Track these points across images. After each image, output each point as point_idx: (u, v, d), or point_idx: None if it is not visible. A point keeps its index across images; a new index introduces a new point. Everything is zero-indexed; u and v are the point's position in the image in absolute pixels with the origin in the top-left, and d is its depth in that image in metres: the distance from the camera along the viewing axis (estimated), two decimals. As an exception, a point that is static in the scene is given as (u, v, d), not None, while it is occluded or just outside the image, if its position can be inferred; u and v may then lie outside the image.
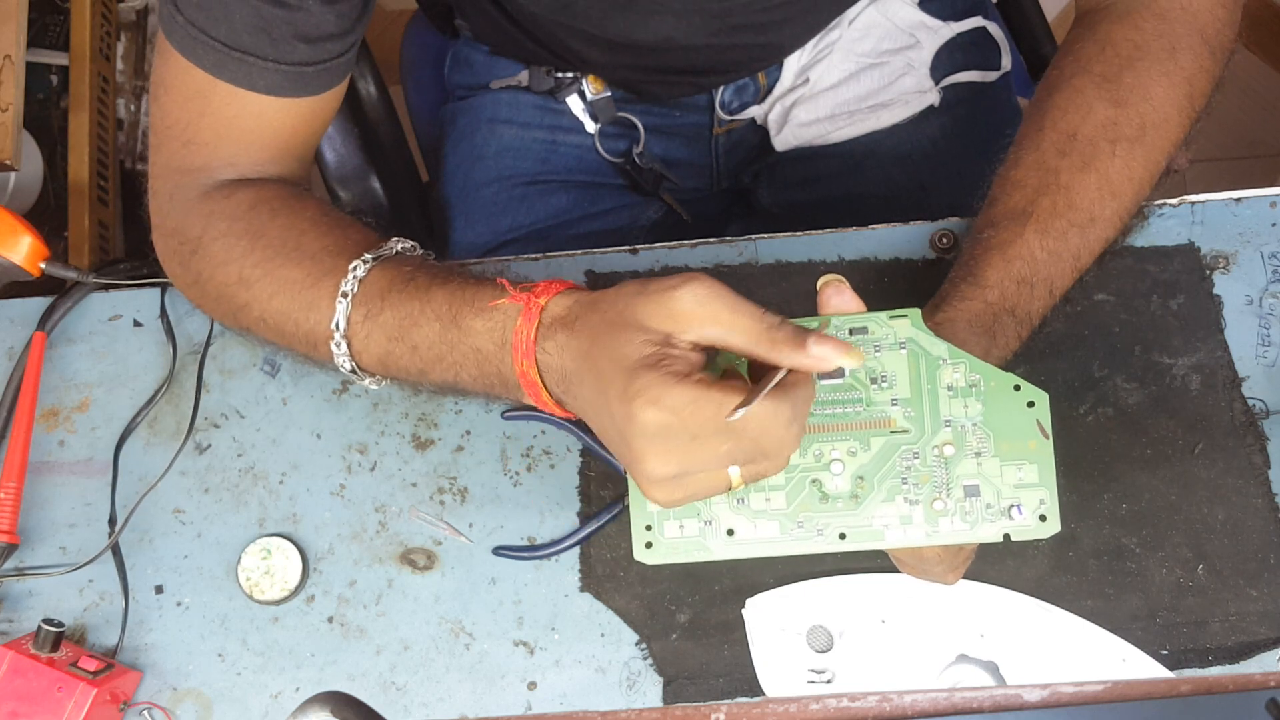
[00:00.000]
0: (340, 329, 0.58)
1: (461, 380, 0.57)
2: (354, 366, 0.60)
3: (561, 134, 0.94)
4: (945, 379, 0.52)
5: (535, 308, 0.53)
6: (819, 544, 0.51)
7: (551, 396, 0.54)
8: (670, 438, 0.47)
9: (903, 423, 0.51)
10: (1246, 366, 0.70)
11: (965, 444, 0.51)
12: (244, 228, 0.63)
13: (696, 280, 0.48)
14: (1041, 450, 0.51)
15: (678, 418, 0.46)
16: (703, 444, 0.47)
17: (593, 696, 0.67)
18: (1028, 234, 0.60)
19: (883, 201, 0.89)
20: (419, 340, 0.57)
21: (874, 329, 0.52)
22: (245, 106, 0.63)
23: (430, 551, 0.71)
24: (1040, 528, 0.51)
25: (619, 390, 0.47)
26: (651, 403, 0.46)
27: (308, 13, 0.61)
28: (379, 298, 0.58)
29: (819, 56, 0.89)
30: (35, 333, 0.75)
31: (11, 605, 0.72)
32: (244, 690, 0.69)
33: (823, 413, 0.52)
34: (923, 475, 0.51)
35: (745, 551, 0.52)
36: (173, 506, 0.73)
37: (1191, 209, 0.73)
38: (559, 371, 0.52)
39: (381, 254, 0.60)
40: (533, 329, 0.53)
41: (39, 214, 1.11)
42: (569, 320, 0.52)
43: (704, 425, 0.46)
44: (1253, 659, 0.65)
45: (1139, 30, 0.64)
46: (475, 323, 0.55)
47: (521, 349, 0.53)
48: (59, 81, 1.15)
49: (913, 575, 0.62)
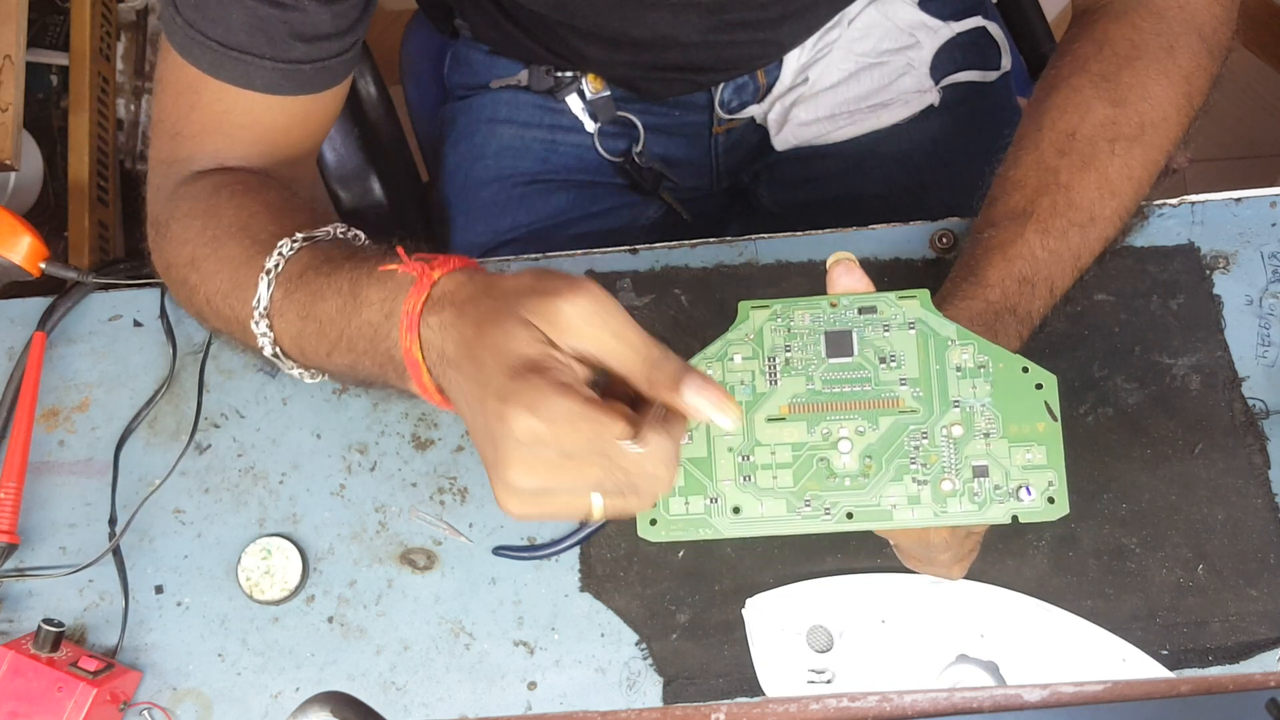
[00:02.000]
0: (260, 306, 0.56)
1: (361, 365, 0.54)
2: (276, 350, 0.58)
3: (561, 133, 0.94)
4: (954, 360, 0.52)
5: (427, 279, 0.49)
6: (826, 523, 0.51)
7: (433, 381, 0.50)
8: (540, 449, 0.44)
9: (911, 402, 0.51)
10: (1246, 366, 0.70)
11: (974, 425, 0.51)
12: (202, 208, 0.62)
13: (586, 293, 0.45)
14: (1050, 432, 0.51)
15: (553, 431, 0.43)
16: (574, 464, 0.44)
17: (593, 696, 0.67)
18: (1028, 233, 0.60)
19: (883, 201, 0.89)
20: (323, 315, 0.54)
21: (883, 309, 0.52)
22: (236, 103, 0.63)
23: (430, 551, 0.71)
24: (1049, 510, 0.50)
25: (497, 387, 0.44)
26: (529, 409, 0.43)
27: (304, 12, 0.61)
28: (298, 276, 0.55)
29: (819, 56, 0.89)
30: (35, 333, 0.75)
31: (11, 605, 0.72)
32: (244, 690, 0.69)
33: (830, 391, 0.51)
34: (931, 455, 0.51)
35: (751, 530, 0.51)
36: (173, 506, 0.73)
37: (1191, 209, 0.73)
38: (439, 352, 0.49)
39: (315, 236, 0.57)
40: (420, 301, 0.49)
41: (39, 214, 1.11)
42: (459, 299, 0.48)
43: (580, 445, 0.43)
44: (1253, 659, 0.65)
45: (1137, 29, 0.64)
46: (370, 293, 0.52)
47: (406, 322, 0.49)
48: (59, 81, 1.15)
49: (919, 570, 0.61)
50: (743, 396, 0.51)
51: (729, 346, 0.52)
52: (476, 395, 0.46)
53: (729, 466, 0.51)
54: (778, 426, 0.51)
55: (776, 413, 0.51)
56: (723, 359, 0.52)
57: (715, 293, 0.74)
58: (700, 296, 0.74)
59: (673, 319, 0.74)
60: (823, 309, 0.52)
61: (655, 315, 0.74)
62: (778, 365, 0.51)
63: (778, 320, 0.52)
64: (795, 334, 0.52)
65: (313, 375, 0.59)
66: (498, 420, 0.44)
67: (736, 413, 0.46)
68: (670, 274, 0.75)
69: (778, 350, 0.52)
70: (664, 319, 0.74)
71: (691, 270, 0.75)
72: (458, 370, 0.48)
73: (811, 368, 0.51)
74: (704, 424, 0.50)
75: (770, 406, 0.51)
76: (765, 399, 0.51)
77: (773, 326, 0.52)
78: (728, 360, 0.52)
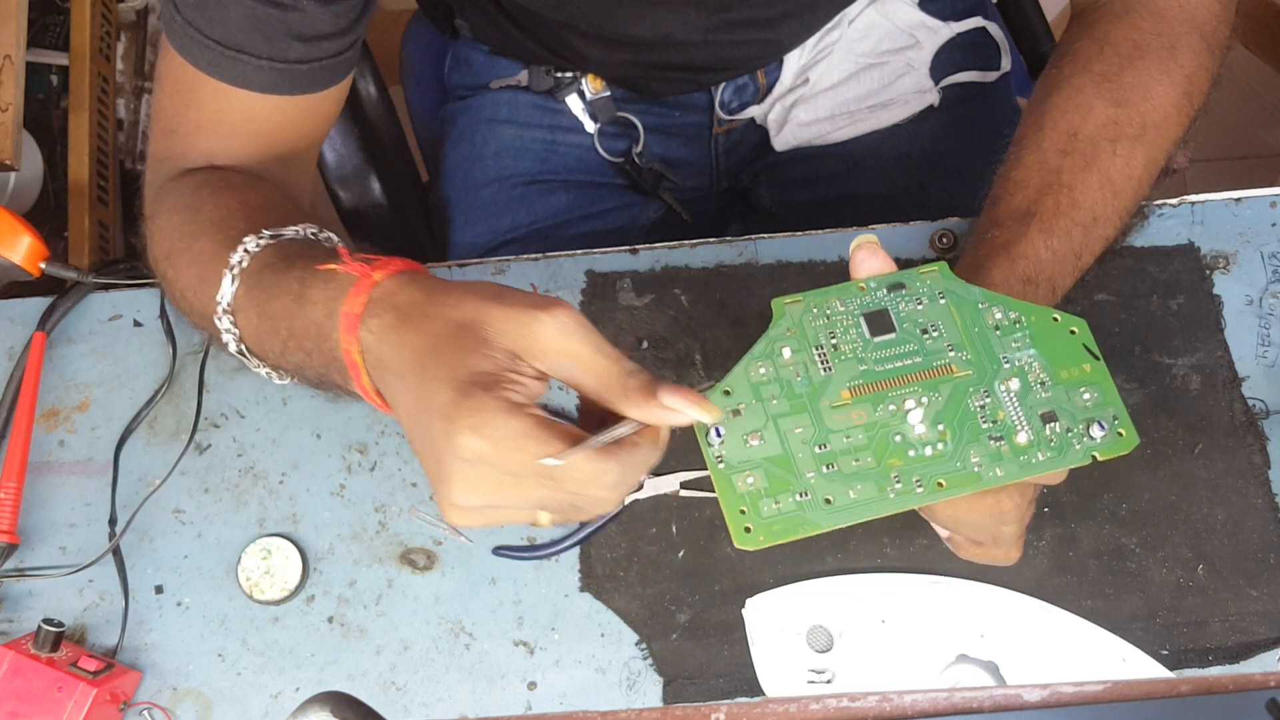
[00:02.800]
0: (223, 302, 0.56)
1: (309, 365, 0.53)
2: (242, 347, 0.58)
3: (561, 134, 0.94)
4: (990, 321, 0.53)
5: (368, 281, 0.49)
6: (921, 496, 0.50)
7: (372, 384, 0.49)
8: (485, 468, 0.44)
9: (963, 367, 0.52)
10: (1246, 366, 0.70)
11: (1028, 377, 0.52)
12: (184, 204, 0.62)
13: (564, 311, 0.45)
14: (1098, 371, 0.52)
15: (498, 450, 0.43)
16: (517, 484, 0.44)
17: (593, 696, 0.67)
18: (1032, 233, 0.60)
19: (883, 201, 0.89)
20: (275, 313, 0.54)
21: (911, 284, 0.53)
22: (231, 101, 0.63)
23: (430, 551, 0.71)
24: (1120, 443, 0.51)
25: (445, 403, 0.43)
26: (475, 429, 0.43)
27: (303, 13, 0.61)
28: (258, 273, 0.55)
29: (819, 56, 0.89)
30: (35, 333, 0.75)
31: (11, 605, 0.72)
32: (244, 690, 0.69)
33: (884, 369, 0.52)
34: (998, 413, 0.51)
35: (850, 518, 0.50)
36: (173, 506, 0.73)
37: (1191, 209, 0.73)
38: (376, 357, 0.48)
39: (282, 234, 0.57)
40: (360, 303, 0.48)
41: (39, 214, 1.11)
42: (399, 303, 0.48)
43: (524, 465, 0.43)
44: (1253, 659, 0.65)
45: (1138, 29, 0.65)
46: (315, 292, 0.51)
47: (345, 323, 0.48)
48: (59, 81, 1.15)
49: (978, 557, 0.59)
50: (801, 389, 0.51)
51: (774, 344, 0.52)
52: (422, 408, 0.45)
53: (808, 459, 0.50)
54: (844, 412, 0.51)
55: (839, 399, 0.51)
56: (771, 356, 0.52)
57: (715, 293, 0.74)
58: (700, 296, 0.74)
59: (673, 319, 0.74)
60: (853, 293, 0.53)
61: (655, 315, 0.74)
62: (826, 352, 0.52)
63: (813, 311, 0.52)
64: (834, 321, 0.52)
65: (281, 376, 0.59)
66: (444, 438, 0.43)
67: (714, 409, 0.46)
68: (670, 274, 0.75)
69: (822, 339, 0.52)
70: (664, 319, 0.74)
71: (691, 270, 0.75)
72: (399, 379, 0.47)
73: (859, 350, 0.52)
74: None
75: (831, 393, 0.51)
76: (824, 386, 0.51)
77: (810, 317, 0.52)
78: (777, 357, 0.52)
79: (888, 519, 0.50)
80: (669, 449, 0.72)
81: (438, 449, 0.44)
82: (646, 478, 0.70)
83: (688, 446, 0.70)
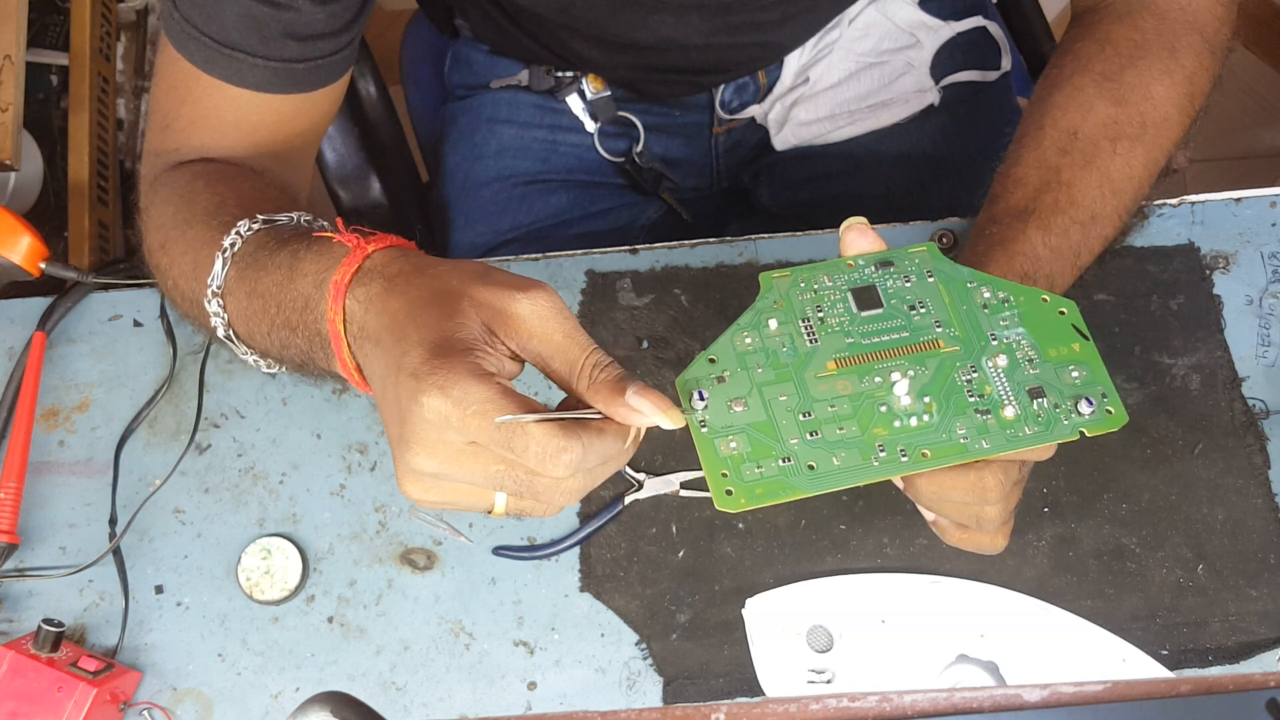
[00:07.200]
0: (214, 284, 0.56)
1: (293, 342, 0.53)
2: (230, 332, 0.57)
3: (561, 133, 0.94)
4: (978, 299, 0.53)
5: (361, 251, 0.49)
6: (905, 465, 0.50)
7: (353, 358, 0.49)
8: (446, 433, 0.43)
9: (950, 343, 0.52)
10: (1246, 366, 0.70)
11: (1015, 354, 0.52)
12: (178, 194, 0.62)
13: (544, 293, 0.45)
14: (1087, 351, 0.52)
15: (461, 414, 0.42)
16: (476, 454, 0.44)
17: (593, 696, 0.67)
18: (1030, 231, 0.60)
19: (883, 201, 0.89)
20: (264, 290, 0.54)
21: (899, 262, 0.53)
22: (226, 99, 0.63)
23: (430, 551, 0.71)
24: (1109, 420, 0.51)
25: (414, 363, 0.43)
26: (441, 389, 0.42)
27: (299, 12, 0.61)
28: (251, 254, 0.55)
29: (819, 56, 0.89)
30: (35, 333, 0.75)
31: (11, 605, 0.72)
32: (244, 690, 0.69)
33: (870, 342, 0.52)
34: (985, 387, 0.51)
35: (833, 483, 0.50)
36: (173, 506, 0.73)
37: (1191, 209, 0.73)
38: (360, 326, 0.48)
39: (276, 220, 0.57)
40: (350, 272, 0.48)
41: (39, 214, 1.11)
42: (390, 274, 0.48)
43: (485, 433, 0.43)
44: (1253, 659, 0.65)
45: (1139, 29, 0.65)
46: (306, 264, 0.51)
47: (333, 292, 0.48)
48: (59, 81, 1.15)
49: (963, 543, 0.59)
50: (787, 359, 0.51)
51: (760, 315, 0.52)
52: (392, 370, 0.45)
53: (792, 426, 0.50)
54: (829, 382, 0.51)
55: (825, 370, 0.51)
56: (757, 327, 0.52)
57: (715, 293, 0.74)
58: (700, 296, 0.74)
59: (673, 319, 0.74)
60: (841, 269, 0.53)
61: (655, 315, 0.74)
62: (813, 325, 0.52)
63: (801, 285, 0.52)
64: (821, 295, 0.52)
65: (269, 364, 0.59)
66: (409, 397, 0.43)
67: (678, 416, 0.46)
68: (670, 274, 0.75)
69: (809, 312, 0.52)
70: (664, 319, 0.74)
71: (691, 270, 0.75)
72: (376, 344, 0.47)
73: (846, 324, 0.52)
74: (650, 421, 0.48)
75: (817, 364, 0.51)
76: (810, 358, 0.51)
77: (798, 291, 0.52)
78: (763, 328, 0.52)
79: (887, 519, 0.50)
80: (669, 449, 0.72)
81: (403, 411, 0.44)
82: (646, 477, 0.70)
83: (687, 447, 0.70)
